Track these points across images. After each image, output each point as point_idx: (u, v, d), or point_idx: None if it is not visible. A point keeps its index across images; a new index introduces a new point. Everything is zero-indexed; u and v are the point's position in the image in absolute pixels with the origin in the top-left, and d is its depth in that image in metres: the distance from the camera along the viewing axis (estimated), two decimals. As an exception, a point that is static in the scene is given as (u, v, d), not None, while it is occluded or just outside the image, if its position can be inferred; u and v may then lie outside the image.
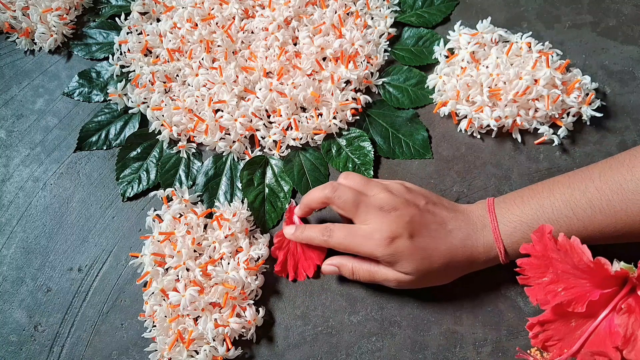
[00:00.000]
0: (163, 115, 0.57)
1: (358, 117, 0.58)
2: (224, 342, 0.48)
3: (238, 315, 0.49)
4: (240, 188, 0.56)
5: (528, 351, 0.40)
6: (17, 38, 0.64)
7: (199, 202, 0.55)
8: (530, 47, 0.56)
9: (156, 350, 0.48)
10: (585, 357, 0.36)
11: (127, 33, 0.63)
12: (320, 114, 0.56)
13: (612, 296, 0.37)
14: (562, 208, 0.43)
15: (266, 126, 0.57)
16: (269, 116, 0.57)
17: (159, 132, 0.58)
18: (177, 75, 0.60)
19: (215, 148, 0.57)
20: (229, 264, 0.50)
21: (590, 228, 0.43)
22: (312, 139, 0.57)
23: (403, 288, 0.48)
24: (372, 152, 0.56)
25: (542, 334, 0.38)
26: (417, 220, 0.45)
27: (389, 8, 0.62)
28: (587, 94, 0.55)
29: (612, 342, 0.35)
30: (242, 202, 0.55)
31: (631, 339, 0.35)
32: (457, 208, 0.48)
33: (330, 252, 0.51)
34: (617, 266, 0.36)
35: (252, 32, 0.61)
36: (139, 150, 0.58)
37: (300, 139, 0.56)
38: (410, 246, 0.44)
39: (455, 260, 0.45)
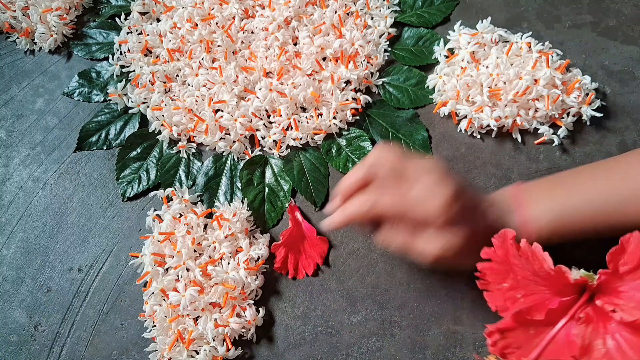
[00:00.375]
0: (163, 115, 0.57)
1: (358, 117, 0.58)
2: (224, 342, 0.48)
3: (238, 315, 0.49)
4: (240, 188, 0.56)
5: (485, 358, 0.39)
6: (17, 38, 0.64)
7: (199, 202, 0.55)
8: (530, 47, 0.56)
9: (156, 350, 0.48)
10: None
11: (127, 33, 0.63)
12: (320, 114, 0.56)
13: (571, 304, 0.37)
14: (592, 193, 0.42)
15: (266, 126, 0.57)
16: (269, 116, 0.57)
17: (159, 132, 0.58)
18: (177, 75, 0.60)
19: (215, 148, 0.57)
20: (229, 264, 0.50)
21: (615, 216, 0.42)
22: (312, 139, 0.57)
23: (434, 262, 0.44)
24: (372, 152, 0.56)
25: (500, 342, 0.37)
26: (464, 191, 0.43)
27: (389, 8, 0.62)
28: (587, 94, 0.55)
29: (569, 352, 0.35)
30: (242, 202, 0.55)
31: (588, 349, 0.35)
32: (484, 193, 0.46)
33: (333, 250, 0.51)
34: (577, 274, 0.36)
35: (252, 32, 0.61)
36: (139, 150, 0.58)
37: (300, 139, 0.56)
38: (467, 211, 0.41)
39: (488, 241, 0.42)
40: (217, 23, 0.61)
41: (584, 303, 0.36)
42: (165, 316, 0.49)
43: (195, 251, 0.51)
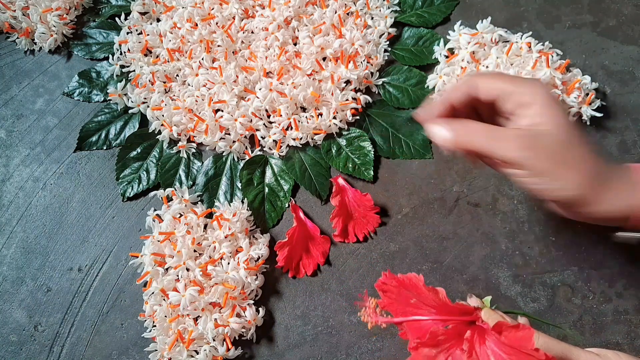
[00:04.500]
0: (163, 115, 0.57)
1: (358, 117, 0.58)
2: (224, 342, 0.48)
3: (238, 315, 0.49)
4: (240, 188, 0.56)
5: (370, 298, 0.39)
6: (17, 38, 0.64)
7: (199, 202, 0.55)
8: (530, 47, 0.56)
9: (156, 350, 0.48)
10: None
11: (127, 33, 0.63)
12: (320, 114, 0.56)
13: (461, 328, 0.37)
14: None
15: (266, 126, 0.57)
16: (269, 116, 0.57)
17: (159, 132, 0.58)
18: (177, 75, 0.60)
19: (215, 148, 0.57)
20: (229, 264, 0.50)
21: None
22: (312, 138, 0.57)
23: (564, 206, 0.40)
24: (372, 152, 0.56)
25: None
26: None
27: (389, 8, 0.62)
28: (587, 94, 0.55)
29: None
30: (242, 202, 0.55)
31: None
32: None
33: (334, 251, 0.51)
34: (473, 302, 0.37)
35: (252, 32, 0.61)
36: (139, 150, 0.58)
37: (300, 138, 0.56)
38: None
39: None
40: (217, 23, 0.61)
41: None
42: (165, 316, 0.49)
43: (195, 251, 0.51)
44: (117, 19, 0.63)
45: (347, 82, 0.59)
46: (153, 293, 0.50)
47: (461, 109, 0.41)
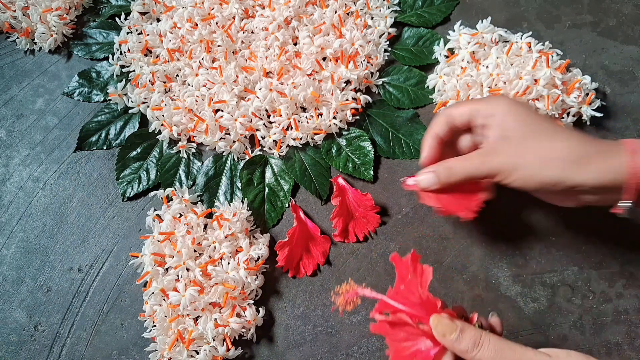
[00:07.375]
0: (163, 115, 0.57)
1: (358, 117, 0.58)
2: (224, 342, 0.48)
3: (238, 315, 0.49)
4: (240, 188, 0.56)
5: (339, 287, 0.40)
6: (17, 38, 0.64)
7: (199, 202, 0.55)
8: (530, 47, 0.56)
9: (156, 350, 0.48)
10: None
11: (127, 33, 0.63)
12: (320, 114, 0.56)
13: None
14: None
15: (266, 126, 0.57)
16: (269, 116, 0.58)
17: (159, 132, 0.58)
18: (177, 75, 0.60)
19: (215, 148, 0.57)
20: (229, 264, 0.50)
21: None
22: (312, 138, 0.57)
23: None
24: (372, 152, 0.56)
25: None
26: None
27: (389, 8, 0.62)
28: (587, 94, 0.55)
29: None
30: (242, 202, 0.55)
31: None
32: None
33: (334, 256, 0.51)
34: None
35: (252, 32, 0.61)
36: (139, 150, 0.58)
37: (300, 138, 0.56)
38: None
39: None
40: (217, 23, 0.61)
41: None
42: (165, 316, 0.49)
43: (195, 251, 0.51)
44: (117, 19, 0.63)
45: (347, 82, 0.59)
46: (153, 293, 0.50)
47: (447, 140, 0.46)
